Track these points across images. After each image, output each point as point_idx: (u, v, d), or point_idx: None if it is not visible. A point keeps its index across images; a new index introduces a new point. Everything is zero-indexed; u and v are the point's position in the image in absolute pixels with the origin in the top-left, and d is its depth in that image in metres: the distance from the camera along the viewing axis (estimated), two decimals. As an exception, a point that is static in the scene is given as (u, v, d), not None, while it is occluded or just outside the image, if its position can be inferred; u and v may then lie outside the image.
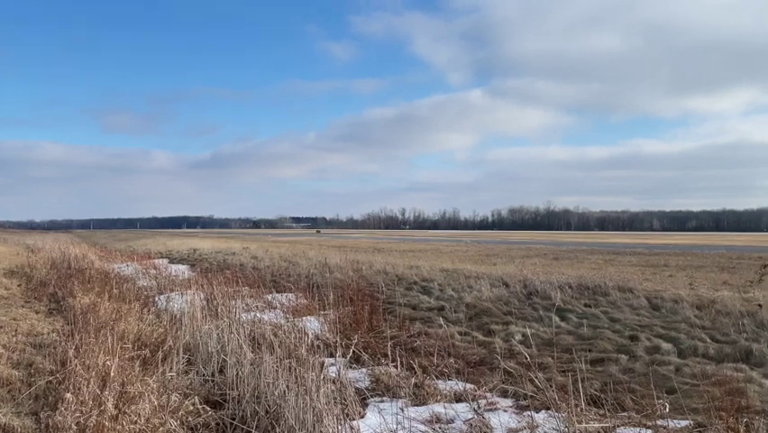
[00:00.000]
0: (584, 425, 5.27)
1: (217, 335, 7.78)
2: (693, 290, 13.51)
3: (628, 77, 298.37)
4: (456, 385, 7.28)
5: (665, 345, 9.11)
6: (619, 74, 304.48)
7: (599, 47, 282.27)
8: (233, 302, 10.37)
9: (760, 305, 10.49)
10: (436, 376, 7.70)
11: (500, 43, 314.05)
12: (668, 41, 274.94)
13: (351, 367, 8.06)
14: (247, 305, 11.11)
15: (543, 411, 6.12)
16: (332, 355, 7.79)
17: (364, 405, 6.58)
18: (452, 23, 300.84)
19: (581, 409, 5.95)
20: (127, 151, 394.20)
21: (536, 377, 6.69)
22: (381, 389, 7.25)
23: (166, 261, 29.15)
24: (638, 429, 5.47)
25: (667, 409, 5.38)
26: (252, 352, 6.95)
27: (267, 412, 5.69)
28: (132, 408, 5.23)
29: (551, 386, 6.37)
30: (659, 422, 5.82)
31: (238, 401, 6.11)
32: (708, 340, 9.28)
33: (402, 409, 6.20)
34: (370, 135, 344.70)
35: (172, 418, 5.39)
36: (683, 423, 5.91)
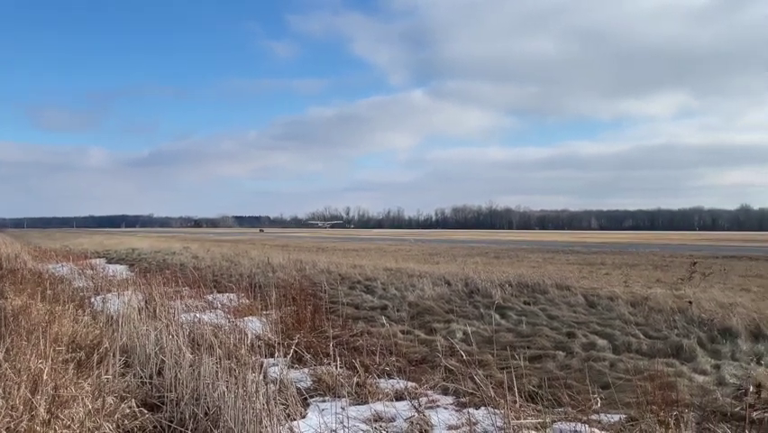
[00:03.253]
0: (521, 421, 5.38)
1: (155, 336, 7.62)
2: (628, 287, 13.92)
3: (564, 80, 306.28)
4: (398, 384, 7.32)
5: (601, 342, 9.36)
6: (555, 77, 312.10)
7: (535, 50, 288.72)
8: (173, 303, 10.19)
9: (690, 302, 10.89)
10: (378, 375, 7.72)
11: (440, 45, 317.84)
12: (601, 46, 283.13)
13: (293, 367, 8.02)
14: (187, 305, 10.93)
15: (482, 408, 6.21)
16: (273, 356, 7.74)
17: (306, 405, 6.56)
18: (391, 25, 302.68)
19: (519, 406, 6.07)
20: (62, 148, 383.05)
21: (476, 374, 6.80)
22: (323, 388, 7.24)
23: (103, 261, 28.40)
24: (574, 424, 5.60)
25: (599, 405, 5.53)
26: (192, 353, 6.84)
27: (206, 414, 5.62)
28: (66, 412, 5.09)
29: (490, 383, 6.49)
30: (593, 417, 5.99)
31: (176, 403, 6.02)
32: (642, 336, 9.58)
33: (343, 409, 6.20)
34: (312, 134, 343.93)
35: (107, 421, 5.27)
36: (617, 417, 6.09)
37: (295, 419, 5.87)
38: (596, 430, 5.53)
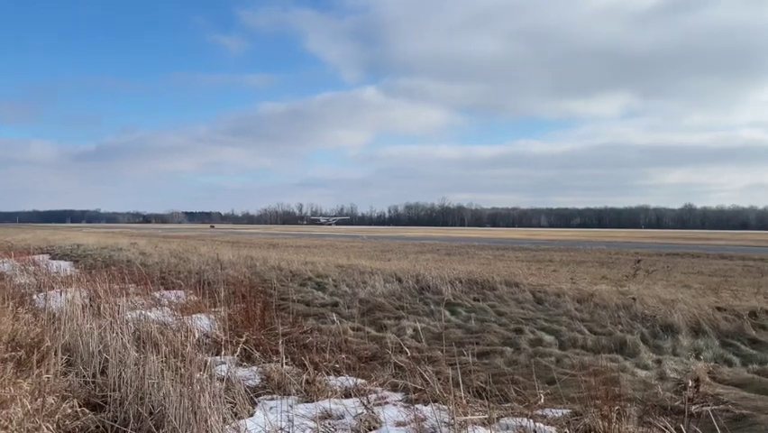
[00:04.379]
0: (469, 417, 5.44)
1: (99, 334, 7.45)
2: (575, 284, 14.19)
3: (513, 79, 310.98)
4: (347, 381, 7.31)
5: (548, 338, 9.52)
6: (504, 76, 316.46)
7: (484, 50, 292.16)
8: (118, 300, 9.97)
9: (634, 298, 11.16)
10: (328, 372, 7.70)
11: (392, 42, 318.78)
12: (548, 46, 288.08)
13: (241, 365, 7.95)
14: (133, 303, 10.71)
15: (431, 404, 6.25)
16: (222, 354, 7.64)
17: (254, 403, 6.49)
18: (343, 21, 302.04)
19: (467, 401, 6.13)
20: (2, 141, 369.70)
21: (425, 371, 6.83)
22: (272, 386, 7.18)
23: (47, 257, 27.62)
24: (519, 419, 5.68)
25: (542, 400, 5.61)
26: (137, 351, 6.71)
27: (151, 413, 5.52)
28: (3, 412, 4.93)
29: (439, 379, 6.54)
30: (539, 412, 6.09)
31: (120, 403, 5.89)
32: (587, 332, 9.77)
33: (292, 407, 6.18)
34: (264, 130, 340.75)
35: (47, 422, 5.12)
36: (562, 412, 6.20)
37: (242, 418, 5.81)
38: (541, 425, 5.61)
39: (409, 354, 8.28)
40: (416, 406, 6.34)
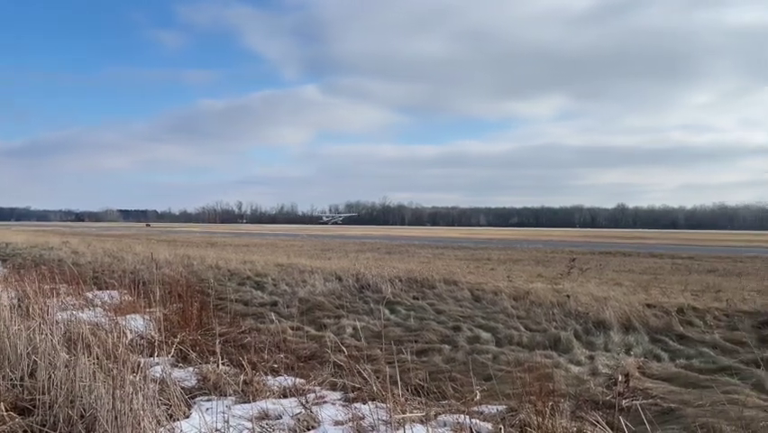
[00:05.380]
0: (407, 415, 5.47)
1: (28, 336, 7.18)
2: (511, 282, 14.45)
3: (453, 80, 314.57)
4: (286, 381, 7.26)
5: (485, 335, 9.67)
6: (445, 77, 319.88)
7: (426, 51, 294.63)
8: (49, 301, 9.64)
9: (568, 296, 11.43)
10: (266, 372, 7.63)
11: (332, 41, 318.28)
12: (487, 47, 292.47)
13: (177, 366, 7.80)
14: (64, 303, 10.38)
15: (369, 403, 6.26)
16: (157, 355, 7.49)
17: (190, 405, 6.38)
18: (283, 18, 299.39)
19: (405, 399, 6.17)
20: None
21: (364, 369, 6.84)
22: (209, 387, 7.07)
23: (-28, 256, 26.51)
24: (457, 416, 5.75)
25: (478, 397, 5.71)
26: (68, 353, 6.50)
27: (82, 417, 5.36)
28: None
29: (377, 378, 6.55)
30: (476, 408, 6.18)
31: (50, 407, 5.70)
32: (523, 329, 9.96)
33: (229, 408, 6.10)
34: (203, 127, 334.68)
35: (-29, 428, 4.92)
36: (498, 408, 6.31)
37: (177, 420, 5.70)
38: (477, 422, 5.70)
39: (349, 353, 8.31)
40: (355, 405, 6.34)
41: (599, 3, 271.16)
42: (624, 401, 6.32)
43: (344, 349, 7.30)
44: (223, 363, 7.59)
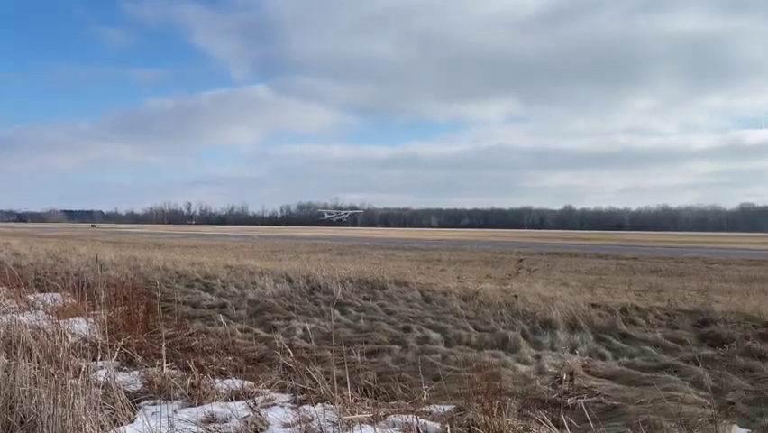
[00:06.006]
0: (356, 416, 5.48)
1: (-36, 341, 6.96)
2: (461, 282, 14.59)
3: (406, 82, 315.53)
4: (234, 383, 7.19)
5: (434, 335, 9.73)
6: (398, 79, 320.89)
7: (378, 52, 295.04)
8: (-13, 304, 9.34)
9: (516, 296, 11.60)
10: (214, 375, 7.53)
11: (283, 41, 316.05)
12: (439, 50, 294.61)
13: (122, 370, 7.65)
14: (4, 306, 10.07)
15: (319, 404, 6.24)
16: (101, 358, 7.33)
17: (135, 409, 6.26)
18: (232, 18, 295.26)
19: (354, 400, 6.19)
20: None
21: (314, 371, 6.83)
22: (155, 391, 6.94)
23: None
24: (406, 416, 5.78)
25: (426, 397, 5.75)
26: (7, 357, 6.31)
27: (21, 423, 5.20)
28: None
29: (327, 379, 6.55)
30: (425, 408, 6.22)
31: (-13, 414, 5.52)
32: (472, 329, 10.06)
33: (175, 412, 6.01)
34: (152, 126, 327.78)
35: None
36: (446, 408, 6.36)
37: (122, 424, 5.59)
38: (426, 422, 5.74)
39: (298, 355, 8.28)
40: (304, 407, 6.31)
41: (546, 8, 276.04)
42: (569, 400, 6.45)
43: (294, 351, 7.27)
44: (169, 367, 7.48)
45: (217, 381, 7.31)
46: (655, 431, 5.64)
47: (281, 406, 6.58)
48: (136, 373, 7.54)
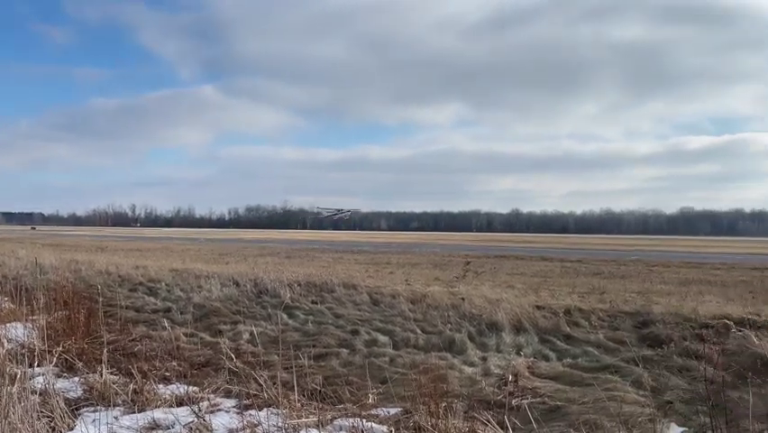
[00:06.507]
0: (302, 420, 5.46)
1: None
2: (409, 285, 14.66)
3: (356, 85, 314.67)
4: (178, 389, 7.07)
5: (382, 338, 9.76)
6: (348, 82, 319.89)
7: (327, 54, 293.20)
8: None
9: (463, 298, 11.72)
10: (158, 381, 7.41)
11: (231, 41, 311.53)
12: (389, 54, 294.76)
13: (62, 376, 7.46)
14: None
15: (265, 409, 6.20)
16: (39, 365, 7.11)
17: (75, 416, 6.11)
18: (177, 17, 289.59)
19: (301, 405, 6.16)
20: None
21: (261, 375, 6.78)
22: (95, 398, 6.78)
23: None
24: (352, 420, 5.78)
25: (371, 400, 5.76)
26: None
27: (-47, 434, 5.02)
28: None
29: (274, 383, 6.51)
30: (372, 412, 6.23)
31: None
32: (420, 332, 10.12)
33: (117, 418, 5.89)
34: (95, 127, 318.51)
35: None
36: (393, 411, 6.39)
37: (61, 432, 5.45)
38: (373, 425, 5.75)
39: (245, 360, 8.20)
40: (250, 411, 6.26)
41: (493, 14, 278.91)
42: (514, 401, 6.55)
43: (240, 355, 7.20)
44: (111, 373, 7.32)
45: (161, 386, 7.19)
46: (597, 431, 5.78)
47: (227, 411, 6.50)
48: (76, 379, 7.36)
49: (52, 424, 5.50)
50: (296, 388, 6.12)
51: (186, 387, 7.13)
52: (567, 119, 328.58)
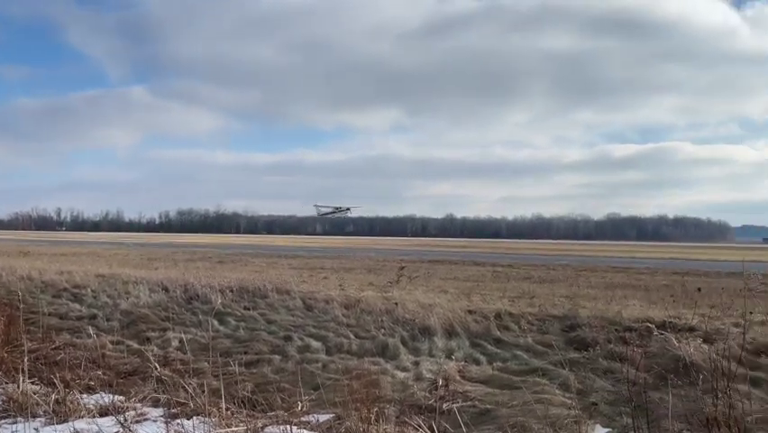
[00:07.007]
0: (232, 429, 5.38)
1: None
2: (343, 290, 14.63)
3: (289, 89, 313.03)
4: (103, 399, 6.87)
5: (315, 344, 9.71)
6: (281, 85, 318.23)
7: (260, 57, 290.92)
8: None
9: (396, 303, 11.77)
10: (82, 390, 7.19)
11: (162, 42, 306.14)
12: (324, 58, 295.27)
13: (-22, 388, 7.14)
14: None
15: (194, 418, 6.09)
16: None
17: (-9, 430, 5.86)
18: (106, 16, 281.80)
19: (231, 413, 6.08)
20: None
21: (190, 384, 6.66)
22: (15, 409, 6.53)
23: None
24: (284, 427, 5.73)
25: (301, 407, 5.74)
26: None
27: None
28: None
29: (203, 391, 6.40)
30: (304, 418, 6.20)
31: None
32: (353, 337, 10.12)
33: (37, 430, 5.68)
34: (18, 126, 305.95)
35: None
36: (325, 417, 6.37)
37: (-24, 447, 5.22)
38: (304, 431, 5.73)
39: (174, 367, 8.04)
40: (178, 421, 6.14)
41: (427, 22, 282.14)
42: (444, 405, 6.62)
43: (169, 363, 7.06)
44: (32, 382, 7.07)
45: (85, 396, 6.99)
46: (524, 433, 5.91)
47: (154, 420, 6.37)
48: (-6, 390, 7.06)
49: (-34, 438, 5.26)
50: (224, 396, 6.03)
51: (111, 396, 6.95)
52: (500, 126, 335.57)
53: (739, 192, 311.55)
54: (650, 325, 9.89)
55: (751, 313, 9.29)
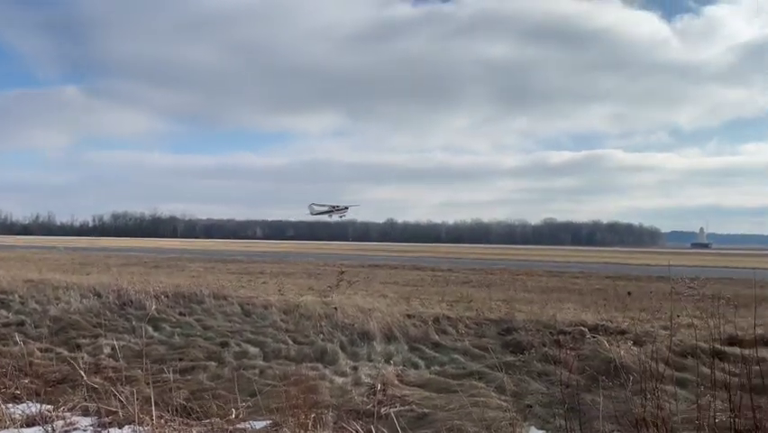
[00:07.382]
0: (165, 437, 5.27)
1: None
2: (283, 295, 14.51)
3: (228, 91, 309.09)
4: (30, 408, 6.63)
5: (253, 350, 9.60)
6: (219, 88, 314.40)
7: (200, 59, 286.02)
8: None
9: (336, 308, 11.74)
10: (7, 400, 6.93)
11: (95, 41, 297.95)
12: (263, 61, 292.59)
13: None
14: None
15: (126, 426, 5.94)
16: None
17: None
18: (37, 12, 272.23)
19: (165, 421, 5.95)
20: None
21: (122, 392, 6.50)
22: (-67, 422, 6.23)
23: None
24: (220, 434, 5.65)
25: (235, 414, 5.66)
26: None
27: None
28: None
29: (136, 399, 6.25)
30: (240, 425, 6.12)
31: None
32: (291, 342, 10.04)
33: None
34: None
35: None
36: (262, 423, 6.30)
37: None
38: (240, 438, 5.65)
39: (106, 375, 7.83)
40: (110, 430, 5.98)
41: (367, 27, 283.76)
42: (382, 409, 6.63)
43: (101, 371, 6.87)
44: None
45: (10, 406, 6.75)
46: (461, 436, 5.97)
47: (83, 430, 6.20)
48: None
49: None
50: (155, 404, 5.91)
51: (38, 406, 6.71)
52: (440, 132, 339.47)
53: (668, 199, 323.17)
54: (583, 328, 10.15)
55: (678, 316, 9.63)
